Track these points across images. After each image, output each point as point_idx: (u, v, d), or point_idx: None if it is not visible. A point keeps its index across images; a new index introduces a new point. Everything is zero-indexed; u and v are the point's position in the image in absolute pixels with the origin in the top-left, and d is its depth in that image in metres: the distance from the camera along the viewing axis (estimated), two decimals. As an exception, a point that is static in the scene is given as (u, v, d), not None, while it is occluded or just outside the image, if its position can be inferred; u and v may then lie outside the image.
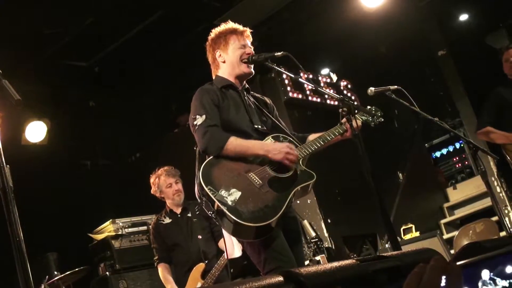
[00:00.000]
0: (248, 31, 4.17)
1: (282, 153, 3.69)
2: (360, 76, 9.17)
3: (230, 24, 4.16)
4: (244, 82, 4.16)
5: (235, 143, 3.70)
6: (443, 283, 1.02)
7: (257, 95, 4.31)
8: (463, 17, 10.13)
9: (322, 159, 4.23)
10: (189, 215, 6.39)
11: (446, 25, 10.10)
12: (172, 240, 6.32)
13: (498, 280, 1.10)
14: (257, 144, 3.80)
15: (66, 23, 7.14)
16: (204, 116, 3.79)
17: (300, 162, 3.84)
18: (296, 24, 8.54)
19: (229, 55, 4.06)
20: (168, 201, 6.44)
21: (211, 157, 3.71)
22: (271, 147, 3.75)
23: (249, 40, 4.14)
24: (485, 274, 1.09)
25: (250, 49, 4.08)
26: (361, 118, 4.11)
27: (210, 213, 3.58)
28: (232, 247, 4.00)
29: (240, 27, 4.16)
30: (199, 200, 3.66)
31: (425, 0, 9.27)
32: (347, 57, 9.62)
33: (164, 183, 6.37)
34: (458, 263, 1.09)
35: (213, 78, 4.17)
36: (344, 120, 3.90)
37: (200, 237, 6.25)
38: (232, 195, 3.51)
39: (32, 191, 7.34)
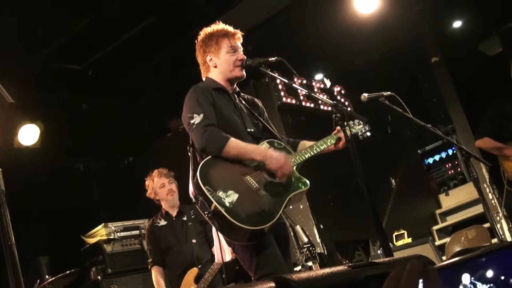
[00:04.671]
0: (239, 33, 4.11)
1: (279, 164, 3.67)
2: (354, 81, 9.18)
3: (221, 26, 4.09)
4: (235, 85, 4.14)
5: (234, 144, 3.66)
6: (420, 286, 1.03)
7: (247, 97, 4.29)
8: (457, 23, 10.15)
9: (315, 164, 4.22)
10: (185, 218, 6.41)
11: (440, 32, 10.12)
12: (166, 243, 6.32)
13: (478, 284, 1.10)
14: (256, 149, 3.77)
15: (60, 26, 7.13)
16: (202, 115, 3.72)
17: (294, 169, 3.84)
18: (290, 30, 8.54)
19: (221, 60, 4.01)
20: (163, 202, 6.46)
21: (209, 157, 3.66)
22: (269, 154, 3.73)
23: (239, 42, 4.08)
24: (466, 278, 1.09)
25: (242, 54, 4.04)
26: (351, 131, 4.14)
27: (205, 213, 3.51)
28: (223, 251, 3.98)
29: (231, 29, 4.09)
30: (194, 200, 3.60)
31: (419, 7, 9.29)
32: (340, 62, 9.62)
33: (157, 184, 6.40)
34: (435, 266, 1.10)
35: (203, 79, 4.13)
36: (337, 129, 3.93)
37: (194, 241, 6.26)
38: (230, 197, 3.48)
39: (24, 194, 7.32)
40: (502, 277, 1.08)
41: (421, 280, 1.03)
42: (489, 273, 1.08)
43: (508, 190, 6.23)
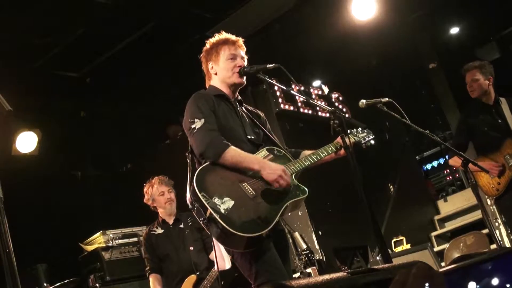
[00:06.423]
0: (240, 40, 4.13)
1: (276, 175, 3.63)
2: (351, 88, 9.20)
3: (224, 35, 4.14)
4: (237, 93, 4.15)
5: (233, 152, 3.66)
6: None
7: (250, 108, 4.30)
8: (454, 30, 10.19)
9: (313, 170, 4.21)
10: (182, 226, 6.38)
11: (437, 38, 10.16)
12: (163, 251, 6.30)
13: (485, 292, 1.10)
14: (254, 158, 3.75)
15: (58, 33, 7.13)
16: (203, 120, 3.74)
17: (293, 177, 3.82)
18: (287, 36, 8.56)
19: (220, 67, 4.04)
20: (160, 210, 6.44)
21: (206, 163, 3.67)
22: (267, 165, 3.71)
23: (242, 50, 4.10)
24: (472, 286, 1.09)
25: (242, 61, 4.05)
26: (354, 139, 4.15)
27: (201, 220, 3.52)
28: (222, 258, 3.96)
29: (232, 37, 4.12)
30: (190, 206, 3.61)
31: (416, 13, 9.32)
32: (338, 69, 9.64)
33: (156, 191, 6.37)
34: (441, 270, 1.09)
35: (207, 87, 4.15)
36: (339, 138, 3.92)
37: (192, 248, 6.24)
38: (225, 204, 3.47)
39: (22, 201, 7.31)
40: (508, 285, 1.07)
41: (427, 284, 1.03)
42: (495, 281, 1.08)
43: (496, 199, 6.20)
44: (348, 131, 4.02)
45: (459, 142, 6.32)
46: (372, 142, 4.33)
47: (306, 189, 3.81)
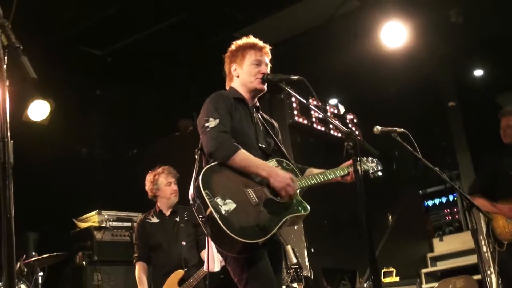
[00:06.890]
0: (267, 47, 4.13)
1: (283, 183, 3.62)
2: (366, 112, 9.19)
3: (251, 39, 4.14)
4: (256, 99, 4.14)
5: (243, 156, 3.65)
6: None
7: (265, 116, 4.29)
8: (478, 72, 10.16)
9: (317, 188, 4.18)
10: (177, 219, 6.36)
11: (460, 78, 10.13)
12: (155, 241, 6.28)
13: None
14: (263, 163, 3.74)
15: (89, 9, 7.16)
16: (218, 120, 3.72)
17: (297, 192, 3.80)
18: (312, 50, 8.56)
19: (244, 70, 4.04)
20: (163, 200, 6.38)
21: (214, 163, 3.66)
22: (275, 172, 3.69)
23: (267, 57, 4.10)
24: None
25: (266, 68, 4.05)
26: (363, 167, 4.12)
27: (200, 217, 3.52)
28: (213, 260, 3.95)
29: (260, 42, 4.12)
30: (191, 202, 3.60)
31: (443, 50, 9.29)
32: (356, 91, 9.61)
33: (164, 180, 6.33)
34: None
35: (227, 88, 4.15)
36: (350, 162, 3.88)
37: (184, 243, 6.21)
38: (227, 205, 3.47)
39: (24, 167, 7.30)
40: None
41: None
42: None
43: (508, 244, 6.16)
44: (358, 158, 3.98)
45: (484, 186, 6.30)
46: (380, 174, 4.32)
47: (308, 207, 3.79)
